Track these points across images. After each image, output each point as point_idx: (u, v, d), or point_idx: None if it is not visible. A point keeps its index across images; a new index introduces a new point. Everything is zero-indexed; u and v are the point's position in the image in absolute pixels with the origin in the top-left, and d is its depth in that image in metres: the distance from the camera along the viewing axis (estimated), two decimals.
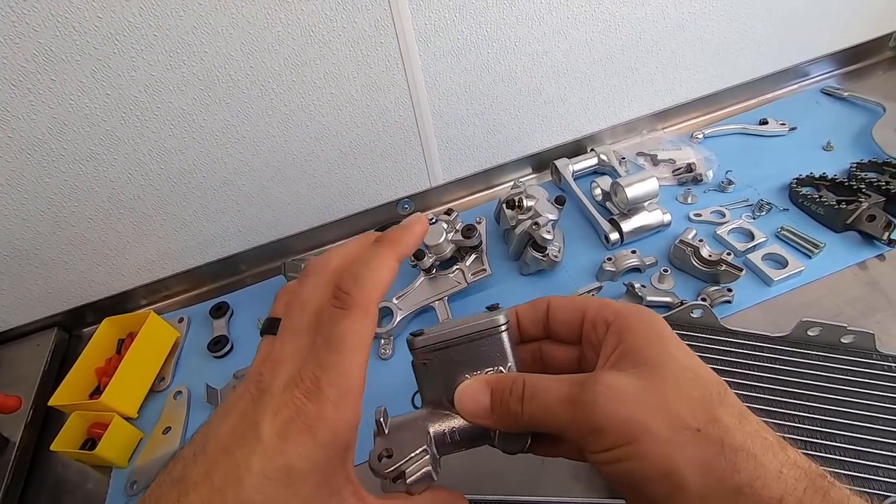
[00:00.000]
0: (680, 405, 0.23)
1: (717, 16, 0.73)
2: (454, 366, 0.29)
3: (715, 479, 0.21)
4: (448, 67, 0.63)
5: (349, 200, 0.73)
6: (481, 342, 0.29)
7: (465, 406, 0.28)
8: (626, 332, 0.26)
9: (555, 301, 0.31)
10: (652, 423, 0.23)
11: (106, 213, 0.61)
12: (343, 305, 0.24)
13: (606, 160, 0.76)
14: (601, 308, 0.28)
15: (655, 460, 0.22)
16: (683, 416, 0.23)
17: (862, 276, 0.59)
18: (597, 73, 0.72)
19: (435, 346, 0.29)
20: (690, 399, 0.23)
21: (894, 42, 0.89)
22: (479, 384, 0.28)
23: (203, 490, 0.21)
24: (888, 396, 0.44)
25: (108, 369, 0.61)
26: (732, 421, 0.23)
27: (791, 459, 0.22)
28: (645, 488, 0.22)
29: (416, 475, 0.26)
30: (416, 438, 0.27)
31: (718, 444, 0.22)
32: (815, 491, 0.21)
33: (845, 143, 0.75)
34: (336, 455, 0.23)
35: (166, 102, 0.55)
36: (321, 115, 0.62)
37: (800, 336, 0.47)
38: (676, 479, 0.22)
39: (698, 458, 0.22)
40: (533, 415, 0.26)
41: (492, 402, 0.27)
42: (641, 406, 0.23)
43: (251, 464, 0.21)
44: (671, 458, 0.22)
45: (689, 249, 0.60)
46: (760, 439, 0.23)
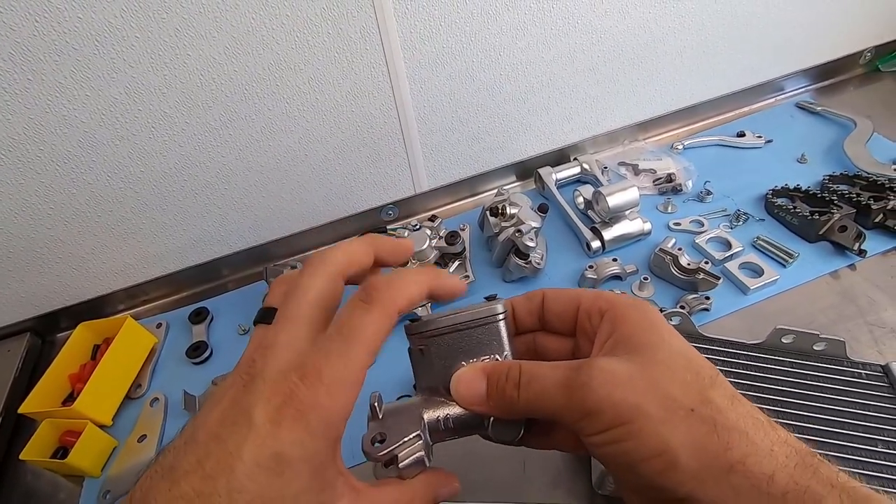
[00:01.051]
0: (673, 387, 0.24)
1: (696, 31, 0.75)
2: (451, 353, 0.29)
3: (708, 457, 0.22)
4: (433, 75, 0.64)
5: (333, 206, 0.73)
6: (478, 330, 0.29)
7: (460, 392, 0.28)
8: (620, 320, 0.27)
9: (550, 293, 0.31)
10: (646, 404, 0.23)
11: (83, 216, 0.60)
12: (368, 300, 0.25)
13: (589, 169, 0.77)
14: (595, 298, 0.29)
15: (649, 440, 0.23)
16: (677, 397, 0.23)
17: (834, 285, 0.61)
18: (579, 83, 0.74)
19: (432, 332, 0.29)
20: (683, 381, 0.24)
21: (865, 60, 0.92)
22: (476, 371, 0.28)
23: (194, 478, 0.20)
24: (858, 402, 0.45)
25: (82, 375, 0.60)
26: (725, 402, 0.23)
27: (781, 438, 0.23)
28: (639, 468, 0.23)
29: (409, 460, 0.26)
30: (409, 424, 0.27)
31: (711, 423, 0.23)
32: (806, 467, 0.22)
33: (818, 155, 0.77)
34: (328, 445, 0.23)
35: (147, 105, 0.54)
36: (305, 120, 0.62)
37: (774, 343, 0.48)
38: (670, 457, 0.22)
39: (691, 436, 0.22)
40: (529, 400, 0.26)
41: (488, 389, 0.27)
42: (635, 388, 0.24)
43: (243, 451, 0.20)
44: (665, 438, 0.22)
45: (669, 258, 0.61)
46: (752, 419, 0.23)
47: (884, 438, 0.43)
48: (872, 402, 0.45)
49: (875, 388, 0.46)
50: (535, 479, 0.47)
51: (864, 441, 0.42)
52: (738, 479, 0.22)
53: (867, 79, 0.93)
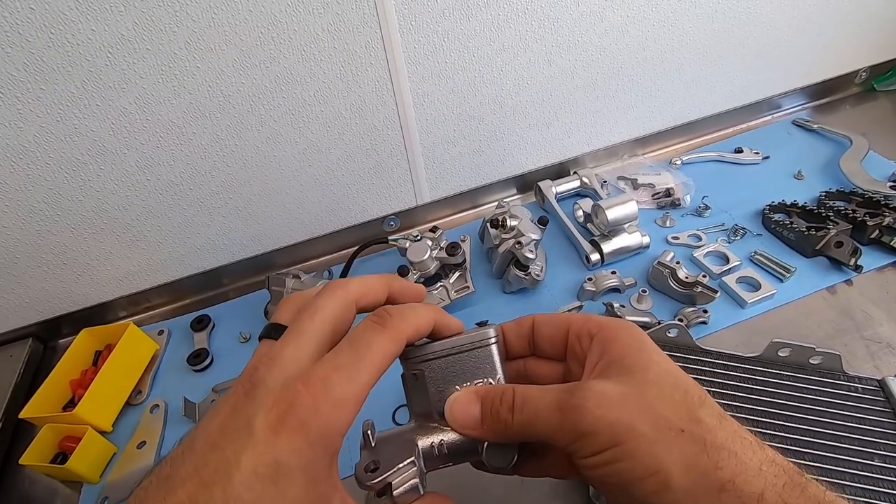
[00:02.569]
0: (664, 407, 0.24)
1: (693, 50, 0.76)
2: (444, 378, 0.29)
3: (699, 476, 0.22)
4: (436, 89, 0.65)
5: (335, 216, 0.74)
6: (471, 354, 0.29)
7: (455, 416, 0.28)
8: (609, 342, 0.27)
9: (539, 318, 0.31)
10: (638, 424, 0.24)
11: (89, 223, 0.61)
12: (381, 323, 0.26)
13: (588, 183, 0.78)
14: (585, 322, 0.29)
15: (643, 460, 0.23)
16: (668, 416, 0.24)
17: (831, 300, 0.61)
18: (579, 99, 0.75)
19: (425, 357, 0.29)
20: (673, 401, 0.24)
21: (861, 79, 0.94)
22: (469, 395, 0.28)
23: (190, 486, 0.20)
24: (854, 416, 0.45)
25: (83, 381, 0.60)
26: (713, 421, 0.24)
27: (769, 457, 0.23)
28: (633, 489, 0.23)
29: (403, 488, 0.26)
30: (403, 451, 0.27)
31: (702, 442, 0.23)
32: (794, 486, 0.22)
33: (815, 172, 0.78)
34: (325, 457, 0.23)
35: (156, 114, 0.55)
36: (310, 131, 0.63)
37: (771, 357, 0.49)
38: (663, 476, 0.23)
39: (683, 456, 0.23)
40: (523, 423, 0.26)
41: (482, 413, 0.27)
42: (627, 409, 0.24)
43: (241, 459, 0.21)
44: (658, 458, 0.23)
45: (667, 271, 0.62)
46: (740, 438, 0.24)
47: (880, 452, 0.43)
48: (868, 417, 0.45)
49: (871, 402, 0.47)
50: (532, 492, 0.47)
51: (860, 455, 0.43)
52: (728, 499, 0.22)
53: (863, 98, 0.94)
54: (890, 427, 0.45)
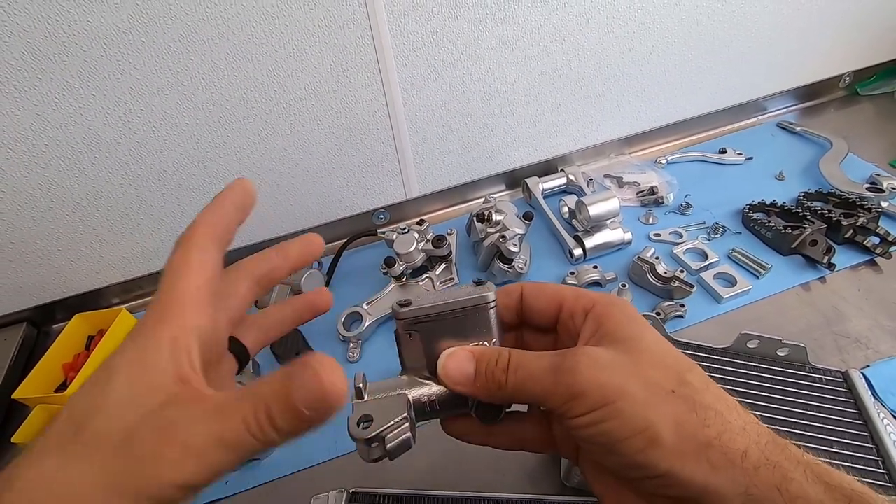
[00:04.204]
0: (655, 371, 0.25)
1: (679, 51, 0.78)
2: (439, 337, 0.29)
3: (687, 433, 0.23)
4: (425, 85, 0.67)
5: (326, 208, 0.75)
6: (469, 316, 0.29)
7: (449, 373, 0.28)
8: (604, 317, 0.28)
9: (528, 287, 0.31)
10: (629, 386, 0.25)
11: (84, 210, 0.63)
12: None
13: (575, 180, 0.80)
14: (578, 297, 0.30)
15: (632, 418, 0.24)
16: (658, 380, 0.25)
17: (804, 297, 0.63)
18: (567, 97, 0.77)
19: (421, 318, 0.29)
20: (664, 366, 0.26)
21: (844, 83, 0.95)
22: (465, 353, 0.29)
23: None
24: (818, 406, 0.47)
25: (75, 365, 0.61)
26: (701, 384, 0.25)
27: (751, 420, 0.25)
28: (621, 447, 0.24)
29: (396, 441, 0.26)
30: (395, 404, 0.27)
31: (690, 402, 0.24)
32: (776, 445, 0.24)
33: (796, 173, 0.80)
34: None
35: (150, 105, 0.57)
36: (301, 124, 0.65)
37: (739, 348, 0.51)
38: (652, 433, 0.23)
39: (672, 414, 0.24)
40: (516, 384, 0.27)
41: (476, 372, 0.28)
42: (619, 372, 0.25)
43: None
44: (647, 416, 0.24)
45: (646, 266, 0.64)
46: (724, 401, 0.25)
47: (840, 440, 0.45)
48: (831, 406, 0.47)
49: (834, 392, 0.48)
50: (507, 474, 0.49)
51: (821, 442, 0.44)
52: (714, 455, 0.23)
53: (846, 101, 0.96)
54: (851, 416, 0.47)
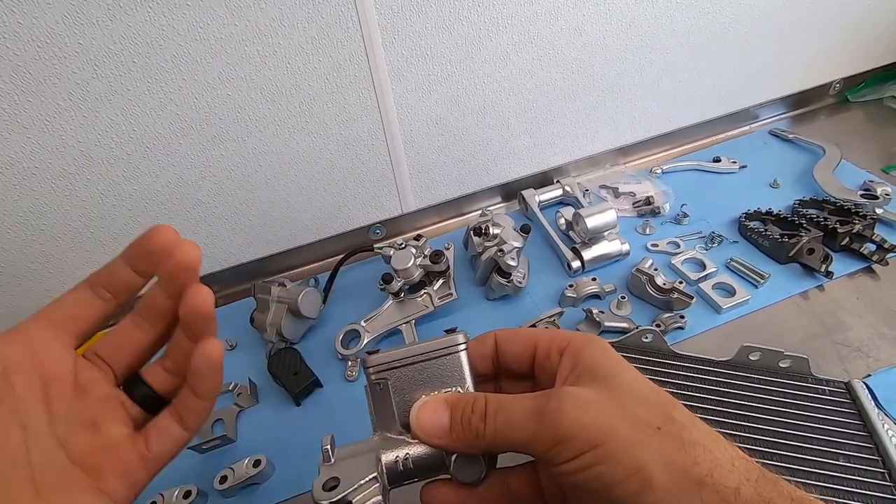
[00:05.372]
0: (639, 408, 0.24)
1: (672, 62, 0.79)
2: (410, 386, 0.28)
3: (679, 472, 0.23)
4: (419, 100, 0.67)
5: (321, 225, 0.75)
6: (439, 362, 0.28)
7: (422, 423, 0.27)
8: (580, 353, 0.27)
9: (502, 335, 0.30)
10: (616, 424, 0.24)
11: (75, 233, 0.62)
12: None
13: (571, 191, 0.80)
14: (553, 337, 0.29)
15: (624, 460, 0.23)
16: (644, 416, 0.24)
17: (803, 306, 0.63)
18: (560, 109, 0.77)
19: (390, 364, 0.28)
20: (648, 402, 0.25)
21: (835, 90, 0.96)
22: (438, 402, 0.27)
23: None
24: (822, 418, 0.47)
25: None
26: (687, 420, 0.25)
27: (739, 455, 0.24)
28: (614, 491, 0.23)
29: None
30: (365, 466, 0.26)
31: (678, 439, 0.24)
32: (766, 481, 0.23)
33: (790, 181, 0.81)
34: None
35: (142, 126, 0.56)
36: (295, 142, 0.64)
37: (741, 360, 0.50)
38: (644, 475, 0.22)
39: (662, 453, 0.23)
40: (497, 430, 0.25)
41: (451, 421, 0.26)
42: (604, 410, 0.24)
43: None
44: (638, 457, 0.23)
45: (645, 278, 0.63)
46: (711, 436, 0.24)
47: (845, 453, 0.44)
48: (835, 418, 0.47)
49: (838, 404, 0.48)
50: None
51: (826, 455, 0.44)
52: (707, 494, 0.22)
53: (837, 108, 0.97)
54: (855, 428, 0.46)
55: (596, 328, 0.61)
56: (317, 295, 0.66)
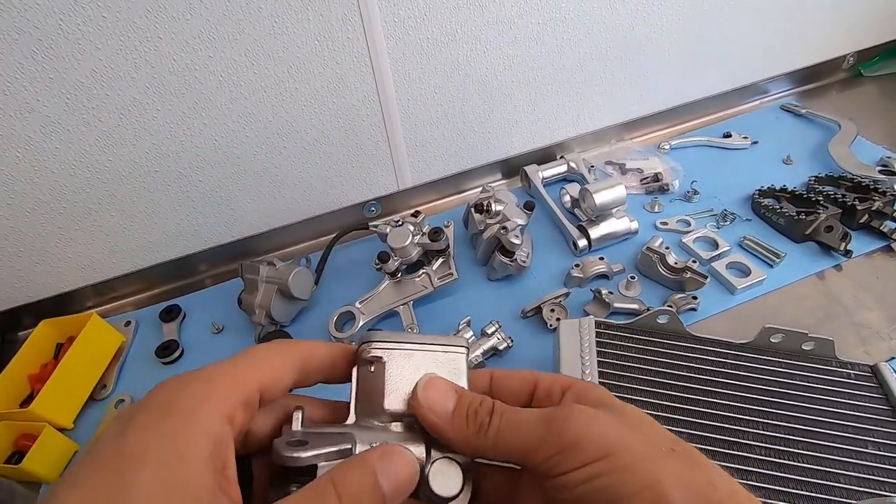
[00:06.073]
0: (649, 434, 0.24)
1: (682, 31, 0.74)
2: (406, 374, 0.26)
3: (695, 492, 0.21)
4: (418, 67, 0.62)
5: (313, 201, 0.70)
6: (441, 357, 0.27)
7: (428, 397, 0.25)
8: (583, 392, 0.26)
9: (499, 373, 0.29)
10: (628, 439, 0.23)
11: (46, 207, 0.57)
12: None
13: (576, 168, 0.76)
14: (555, 379, 0.28)
15: (637, 471, 0.21)
16: (655, 439, 0.23)
17: (820, 286, 0.60)
18: (566, 80, 0.73)
19: (391, 345, 0.26)
20: (655, 431, 0.24)
21: (848, 64, 0.93)
22: (448, 385, 0.26)
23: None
24: (847, 403, 0.44)
25: (42, 376, 0.56)
26: (695, 450, 0.24)
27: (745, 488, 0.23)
28: None
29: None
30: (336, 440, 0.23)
31: (692, 461, 0.22)
32: None
33: (804, 157, 0.77)
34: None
35: (115, 90, 0.52)
36: (284, 110, 0.60)
37: (763, 343, 0.47)
38: (659, 489, 0.21)
39: (677, 471, 0.22)
40: (500, 430, 0.24)
41: (457, 407, 0.25)
42: (616, 426, 0.23)
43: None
44: (652, 470, 0.21)
45: (656, 257, 0.60)
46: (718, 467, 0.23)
47: (873, 440, 0.42)
48: (861, 403, 0.44)
49: (863, 388, 0.45)
50: None
51: (854, 443, 0.42)
52: None
53: (849, 83, 0.94)
54: (883, 413, 0.44)
55: (605, 309, 0.57)
56: (308, 275, 0.62)
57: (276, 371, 0.23)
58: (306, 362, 0.25)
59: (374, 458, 0.22)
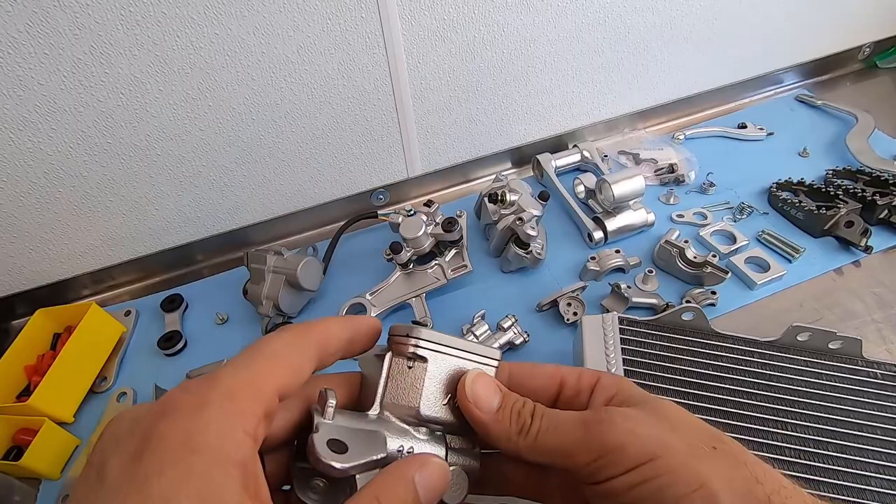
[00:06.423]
0: (689, 432, 0.23)
1: (703, 16, 0.72)
2: (443, 377, 0.26)
3: (743, 490, 0.21)
4: (432, 49, 0.60)
5: (320, 188, 0.68)
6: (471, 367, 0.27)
7: (475, 392, 0.25)
8: (614, 386, 0.26)
9: (517, 368, 0.29)
10: (670, 440, 0.22)
11: (41, 191, 0.54)
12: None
13: (590, 157, 0.74)
14: (581, 374, 0.28)
15: (685, 474, 0.21)
16: (697, 437, 0.23)
17: (840, 282, 0.59)
18: (583, 65, 0.70)
19: (435, 346, 0.26)
20: (695, 427, 0.24)
21: (864, 55, 0.91)
22: (493, 382, 0.26)
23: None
24: (875, 403, 0.43)
25: (39, 367, 0.54)
26: (738, 446, 0.23)
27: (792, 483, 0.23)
28: None
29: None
30: (372, 443, 0.22)
31: (734, 458, 0.22)
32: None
33: (820, 150, 0.76)
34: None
35: (115, 68, 0.49)
36: (293, 93, 0.57)
37: (789, 341, 0.46)
38: (708, 491, 0.21)
39: (723, 471, 0.21)
40: (541, 430, 0.25)
41: (502, 405, 0.26)
42: (657, 427, 0.23)
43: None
44: (699, 472, 0.21)
45: (675, 250, 0.59)
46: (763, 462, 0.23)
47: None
48: (889, 403, 0.43)
49: (891, 388, 0.45)
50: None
51: (883, 444, 0.41)
52: None
53: (863, 74, 0.92)
54: None
55: (623, 304, 0.56)
56: (317, 265, 0.60)
57: (295, 369, 0.22)
58: (323, 348, 0.24)
59: (412, 469, 0.22)
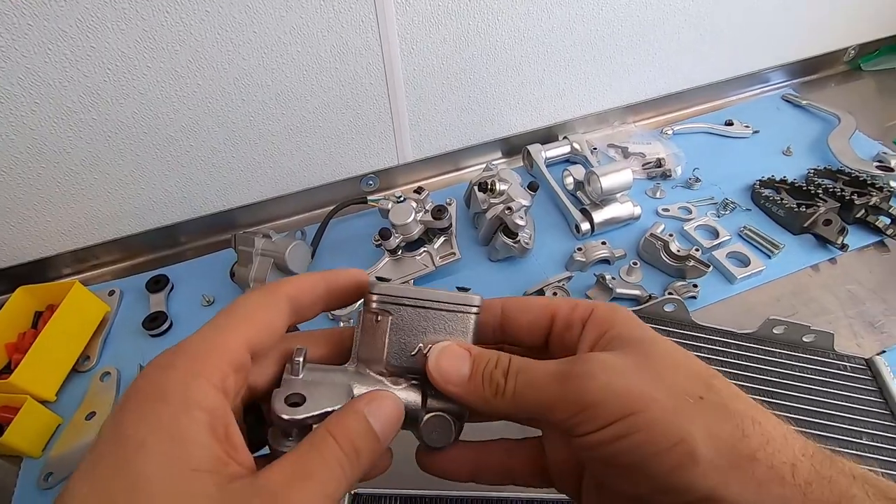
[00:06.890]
0: (678, 377, 0.22)
1: (694, 13, 0.73)
2: (410, 329, 0.26)
3: (726, 445, 0.20)
4: (426, 35, 0.59)
5: (309, 172, 0.68)
6: (448, 316, 0.26)
7: (441, 367, 0.25)
8: (606, 322, 0.25)
9: (510, 303, 0.28)
10: (652, 392, 0.21)
11: (23, 167, 0.53)
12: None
13: (579, 149, 0.75)
14: (574, 306, 0.26)
15: (664, 429, 0.20)
16: (683, 385, 0.22)
17: (816, 278, 0.61)
18: (575, 57, 0.71)
19: (399, 298, 0.26)
20: (686, 370, 0.23)
21: (849, 57, 0.93)
22: (460, 349, 0.25)
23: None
24: (843, 395, 0.45)
25: (21, 345, 0.54)
26: (730, 391, 0.22)
27: (790, 429, 0.22)
28: (652, 465, 0.20)
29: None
30: (334, 395, 0.23)
31: (723, 409, 0.21)
32: (825, 456, 0.21)
33: (803, 149, 0.78)
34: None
35: (102, 42, 0.48)
36: (284, 75, 0.57)
37: (765, 333, 0.48)
38: (687, 447, 0.20)
39: (706, 424, 0.20)
40: (517, 389, 0.23)
41: (472, 371, 0.25)
42: (638, 377, 0.22)
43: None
44: (679, 426, 0.20)
45: (660, 244, 0.60)
46: (758, 408, 0.22)
47: (868, 431, 0.43)
48: (856, 395, 0.45)
49: (859, 381, 0.47)
50: None
51: (850, 433, 0.43)
52: (760, 470, 0.20)
53: (848, 76, 0.94)
54: (877, 406, 0.45)
55: (607, 295, 0.57)
56: (306, 249, 0.60)
57: (263, 324, 0.23)
58: (296, 301, 0.25)
59: (362, 404, 0.23)
